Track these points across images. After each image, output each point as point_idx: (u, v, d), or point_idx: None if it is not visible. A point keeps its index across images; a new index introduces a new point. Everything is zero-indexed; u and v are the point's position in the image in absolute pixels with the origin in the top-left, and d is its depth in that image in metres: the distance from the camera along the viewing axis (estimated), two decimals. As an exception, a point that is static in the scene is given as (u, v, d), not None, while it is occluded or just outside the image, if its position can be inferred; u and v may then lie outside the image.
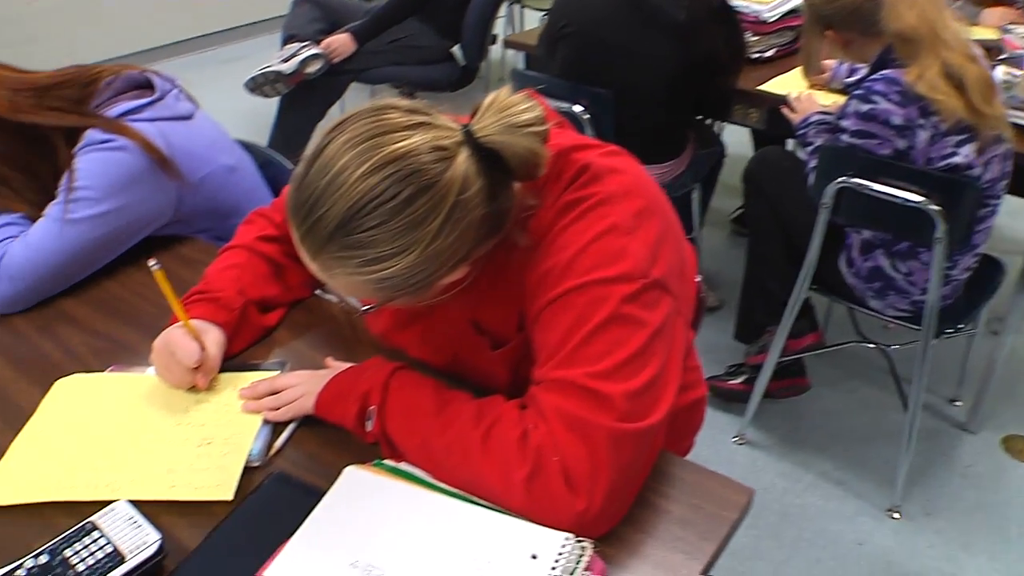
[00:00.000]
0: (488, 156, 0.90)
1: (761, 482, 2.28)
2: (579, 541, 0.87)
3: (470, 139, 0.89)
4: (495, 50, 4.26)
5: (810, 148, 2.06)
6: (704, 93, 2.49)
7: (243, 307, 1.26)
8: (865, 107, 1.82)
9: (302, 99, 3.60)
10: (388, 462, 1.00)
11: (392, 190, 0.84)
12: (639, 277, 0.94)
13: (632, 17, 2.33)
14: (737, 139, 3.29)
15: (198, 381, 1.16)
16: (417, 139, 0.86)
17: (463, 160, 0.87)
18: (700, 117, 2.76)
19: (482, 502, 0.93)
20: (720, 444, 2.41)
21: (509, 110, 0.91)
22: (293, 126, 3.65)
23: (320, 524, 0.92)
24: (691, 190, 2.69)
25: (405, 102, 0.91)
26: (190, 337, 1.16)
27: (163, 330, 1.20)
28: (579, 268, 0.95)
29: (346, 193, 0.85)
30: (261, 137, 3.78)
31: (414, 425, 0.99)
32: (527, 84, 2.70)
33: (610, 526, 0.92)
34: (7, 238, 1.42)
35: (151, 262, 1.13)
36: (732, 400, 2.48)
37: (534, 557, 0.86)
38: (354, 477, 0.97)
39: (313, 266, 0.91)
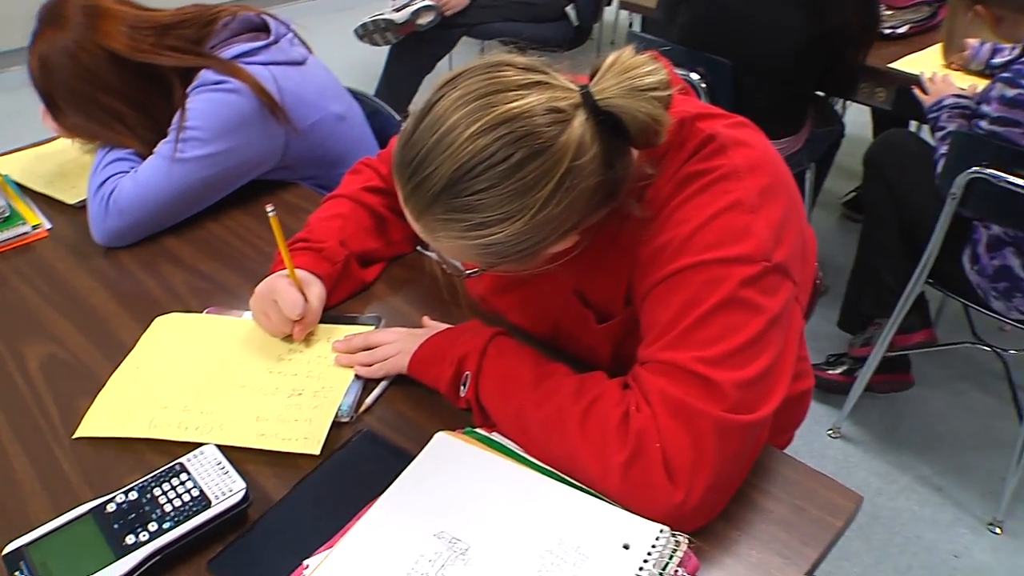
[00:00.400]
0: (606, 121, 0.84)
1: (853, 479, 2.18)
2: (674, 534, 0.83)
3: (588, 101, 0.84)
4: (609, 11, 4.15)
5: (941, 133, 1.93)
6: (830, 68, 2.35)
7: (345, 260, 1.24)
8: (1012, 92, 1.68)
9: (411, 50, 3.58)
10: (480, 431, 0.97)
11: (503, 152, 0.80)
12: (760, 259, 0.88)
13: (763, -17, 2.21)
14: (854, 119, 3.13)
15: (295, 332, 1.15)
16: (532, 99, 0.81)
17: (579, 124, 0.82)
18: (822, 93, 2.63)
19: (574, 482, 0.89)
20: (813, 435, 2.31)
21: (632, 72, 0.84)
22: (401, 77, 3.63)
23: (406, 490, 0.90)
24: (805, 169, 2.58)
25: (522, 59, 0.86)
26: (294, 288, 1.15)
27: (264, 276, 1.19)
28: (697, 245, 0.89)
29: (454, 153, 0.80)
30: (368, 87, 3.78)
31: (510, 395, 0.96)
32: (642, 48, 2.64)
33: (706, 520, 0.87)
34: (118, 173, 1.44)
35: (268, 207, 1.11)
36: (830, 391, 2.38)
37: (626, 547, 0.81)
38: (444, 444, 0.94)
39: (417, 226, 0.88)
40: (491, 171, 0.80)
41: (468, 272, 1.02)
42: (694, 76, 2.32)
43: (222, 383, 1.09)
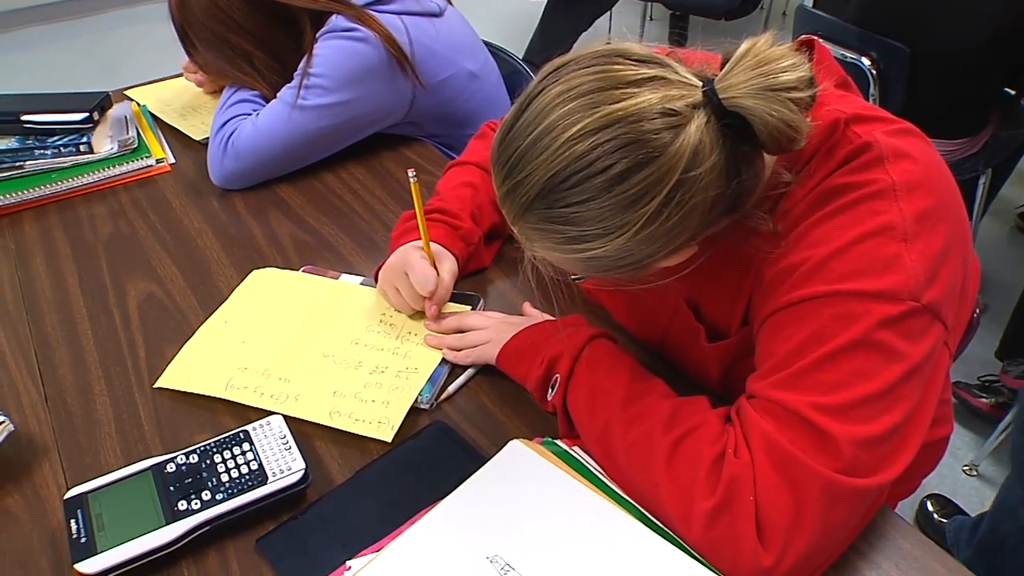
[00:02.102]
0: (732, 123, 0.71)
1: (988, 525, 1.98)
2: (757, 600, 0.72)
3: (712, 100, 0.71)
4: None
5: None
6: (1026, 64, 2.10)
7: (478, 241, 1.17)
8: None
9: (569, 6, 3.46)
10: (560, 443, 0.89)
11: (603, 162, 0.69)
12: (907, 298, 0.74)
13: (958, -35, 1.98)
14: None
15: (428, 310, 1.08)
16: (643, 99, 0.69)
17: (696, 128, 0.69)
18: (1013, 92, 2.35)
19: (652, 519, 0.80)
20: (945, 469, 2.10)
21: (766, 66, 0.70)
22: (555, 32, 3.52)
23: (466, 501, 0.83)
24: (980, 175, 2.32)
25: (640, 48, 0.74)
26: (427, 261, 1.08)
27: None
28: (833, 271, 0.76)
29: (549, 159, 0.70)
30: (521, 40, 3.69)
31: (598, 410, 0.86)
32: (811, 25, 2.44)
33: (796, 590, 0.76)
34: (241, 115, 1.41)
35: (411, 172, 1.03)
36: (975, 416, 2.16)
37: (699, 606, 0.72)
38: (517, 454, 0.86)
39: (514, 230, 0.79)
40: (589, 182, 0.69)
41: (573, 277, 0.92)
42: (865, 62, 2.11)
43: (305, 350, 1.05)
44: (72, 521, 0.83)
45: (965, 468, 2.09)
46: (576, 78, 0.71)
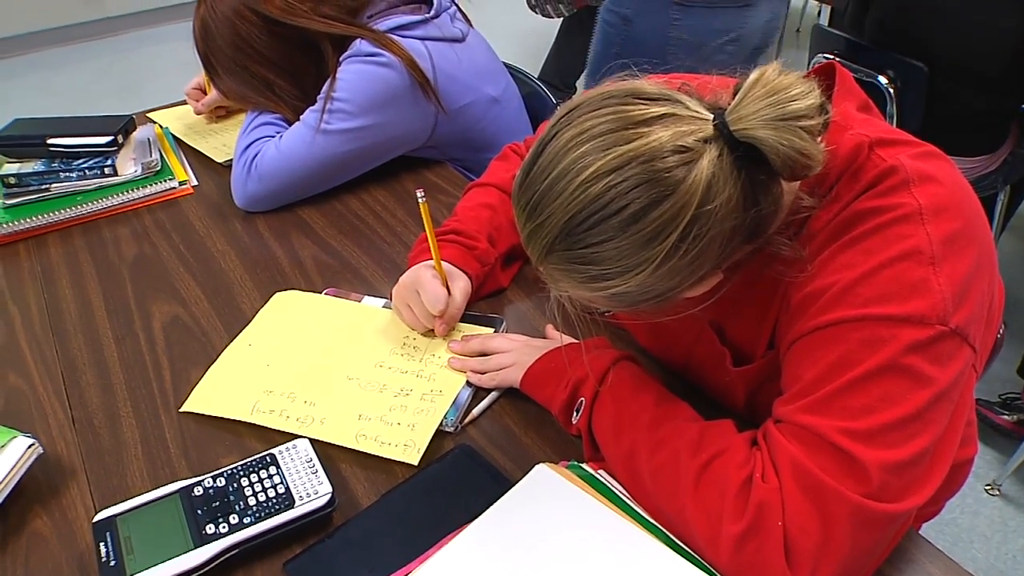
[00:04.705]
0: (746, 153, 0.72)
1: (1008, 547, 1.95)
2: (786, 626, 0.72)
3: (723, 132, 0.71)
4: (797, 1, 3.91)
5: None
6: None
7: (495, 262, 1.18)
8: None
9: (584, 25, 3.46)
10: (586, 467, 0.89)
11: (618, 202, 0.69)
12: (935, 322, 0.74)
13: (977, -21, 1.98)
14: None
15: (438, 329, 1.09)
16: (655, 137, 0.69)
17: (709, 162, 0.70)
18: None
19: (680, 544, 0.80)
20: (967, 488, 2.08)
21: (776, 96, 0.71)
22: (570, 54, 3.53)
23: (492, 526, 0.82)
24: (998, 192, 2.31)
25: (651, 86, 0.75)
26: (439, 280, 1.09)
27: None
28: (860, 296, 0.76)
29: (566, 202, 0.71)
30: (536, 59, 3.71)
31: (623, 433, 0.86)
32: (827, 44, 2.45)
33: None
34: (264, 137, 1.43)
35: (419, 193, 1.05)
36: (995, 432, 2.14)
37: (727, 632, 0.71)
38: (543, 478, 0.86)
39: (539, 271, 0.79)
40: (606, 223, 0.70)
41: (601, 311, 0.92)
42: (882, 80, 2.11)
43: (330, 372, 1.05)
44: (101, 544, 0.83)
45: (987, 487, 2.08)
46: (588, 120, 0.72)
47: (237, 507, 0.85)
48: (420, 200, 1.05)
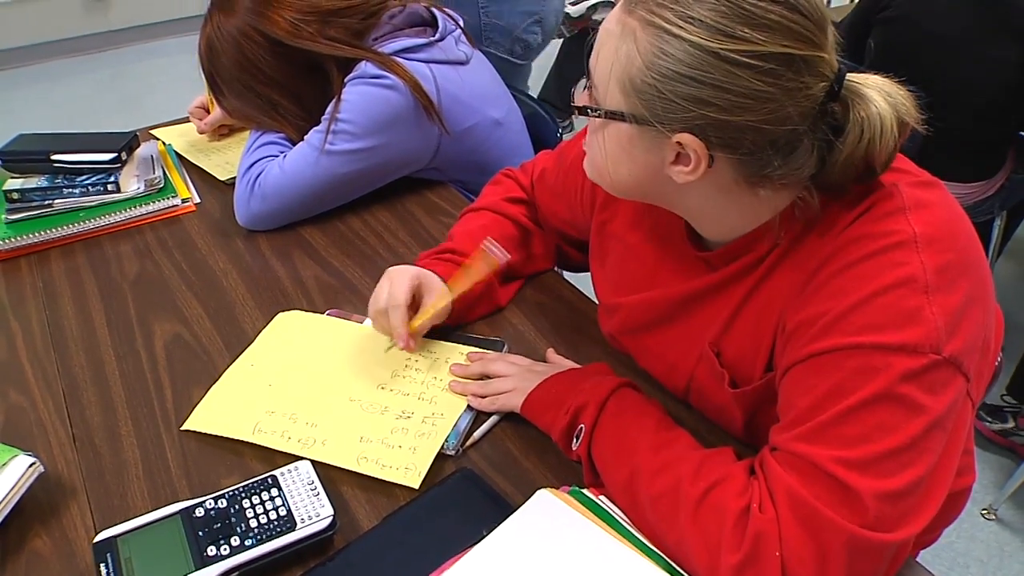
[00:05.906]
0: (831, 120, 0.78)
1: (1004, 572, 1.94)
2: (786, 656, 0.72)
3: (840, 78, 0.78)
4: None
5: None
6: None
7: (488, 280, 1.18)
8: None
9: (584, 48, 3.50)
10: (587, 492, 0.89)
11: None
12: (929, 351, 0.75)
13: (977, 12, 2.00)
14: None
15: (408, 346, 1.09)
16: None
17: (820, 85, 0.77)
18: (1028, 136, 2.37)
19: (678, 570, 0.80)
20: (963, 512, 2.08)
21: (893, 88, 0.81)
22: (571, 72, 3.55)
23: (496, 550, 0.83)
24: (995, 217, 2.33)
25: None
26: (407, 287, 1.09)
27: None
28: (854, 324, 0.77)
29: None
30: (535, 81, 3.72)
31: (623, 459, 0.87)
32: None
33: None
34: (268, 157, 1.43)
35: (490, 244, 1.10)
36: (987, 443, 2.15)
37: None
38: (545, 504, 0.87)
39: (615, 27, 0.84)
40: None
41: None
42: (881, 109, 2.12)
43: (332, 394, 1.06)
44: (102, 565, 0.83)
45: (984, 512, 2.07)
46: None
47: (239, 529, 0.85)
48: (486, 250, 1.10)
